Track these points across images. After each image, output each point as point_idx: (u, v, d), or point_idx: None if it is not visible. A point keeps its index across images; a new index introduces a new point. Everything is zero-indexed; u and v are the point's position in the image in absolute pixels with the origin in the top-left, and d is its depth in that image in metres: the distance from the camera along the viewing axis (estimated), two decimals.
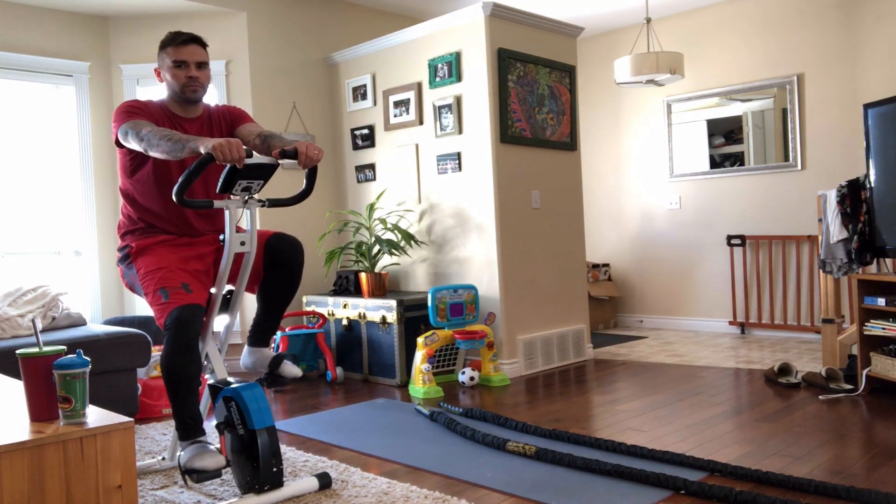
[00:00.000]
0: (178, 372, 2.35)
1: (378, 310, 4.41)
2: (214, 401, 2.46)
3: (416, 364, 4.11)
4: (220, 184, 2.39)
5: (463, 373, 4.25)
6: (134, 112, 2.54)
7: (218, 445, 2.43)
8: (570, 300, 4.94)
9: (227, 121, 2.77)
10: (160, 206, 2.60)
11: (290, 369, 2.67)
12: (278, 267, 2.63)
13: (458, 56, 4.57)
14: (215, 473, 2.30)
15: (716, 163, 6.00)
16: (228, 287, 2.61)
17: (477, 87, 4.48)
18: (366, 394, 4.17)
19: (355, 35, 5.55)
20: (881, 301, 3.54)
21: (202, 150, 2.25)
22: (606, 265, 6.60)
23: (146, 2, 4.72)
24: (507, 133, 4.47)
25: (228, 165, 2.32)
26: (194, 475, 2.28)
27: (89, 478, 1.60)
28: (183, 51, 2.60)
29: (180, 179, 2.30)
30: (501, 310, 4.43)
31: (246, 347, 2.75)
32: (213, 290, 2.57)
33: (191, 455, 2.30)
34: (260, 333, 2.73)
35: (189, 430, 2.37)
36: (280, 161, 2.43)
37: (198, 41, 2.64)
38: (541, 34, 4.76)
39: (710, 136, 6.03)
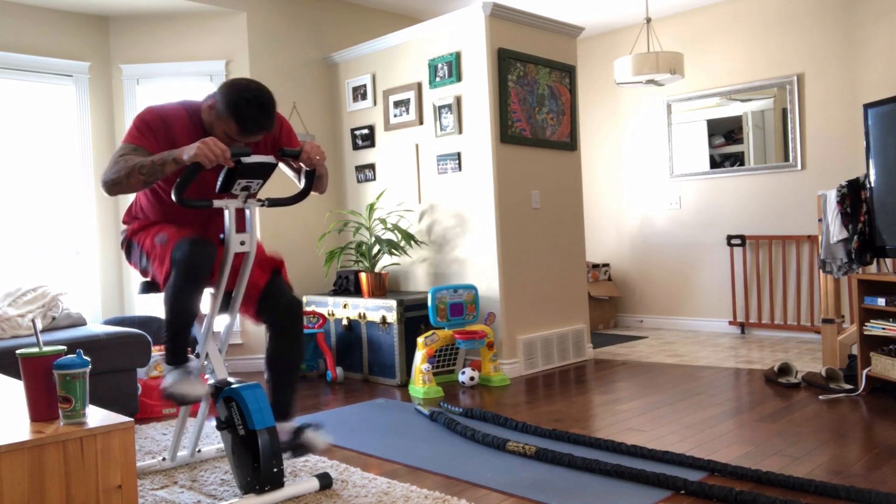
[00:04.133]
0: (181, 311, 2.37)
1: (378, 310, 4.41)
2: (215, 401, 2.46)
3: (416, 364, 4.11)
4: (219, 183, 2.39)
5: (463, 373, 4.25)
6: (143, 134, 2.40)
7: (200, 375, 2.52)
8: (570, 300, 4.94)
9: (274, 136, 2.63)
10: (173, 207, 2.57)
11: (316, 440, 2.50)
12: (277, 332, 2.59)
13: (458, 56, 4.57)
14: (195, 399, 2.42)
15: (716, 163, 6.00)
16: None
17: (477, 87, 4.48)
18: (366, 394, 4.17)
19: (355, 35, 5.55)
20: (881, 301, 3.54)
21: (185, 159, 2.24)
22: (606, 265, 6.60)
23: (146, 2, 4.72)
24: (507, 133, 4.47)
25: (226, 167, 2.32)
26: (177, 398, 2.40)
27: (89, 478, 1.60)
28: (246, 137, 2.40)
29: (177, 182, 2.31)
30: (501, 310, 4.43)
31: None
32: (212, 291, 2.57)
33: (174, 380, 2.39)
34: (277, 407, 2.51)
35: (178, 357, 2.45)
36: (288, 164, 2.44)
37: (268, 128, 2.41)
38: (541, 34, 4.76)
39: (710, 136, 6.03)
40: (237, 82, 2.40)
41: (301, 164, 2.55)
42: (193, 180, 2.31)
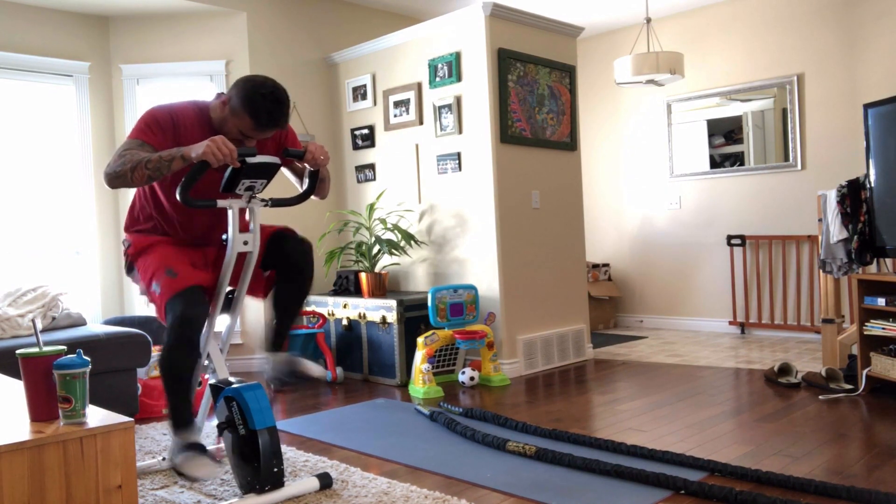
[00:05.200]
0: (178, 368, 2.35)
1: (378, 310, 4.41)
2: (216, 401, 2.46)
3: (416, 364, 4.11)
4: (223, 183, 2.39)
5: (463, 373, 4.25)
6: (151, 130, 2.40)
7: (213, 447, 2.45)
8: (570, 300, 4.94)
9: (280, 138, 2.64)
10: (174, 209, 2.58)
11: (311, 367, 2.57)
12: (287, 277, 2.58)
13: (458, 56, 4.57)
14: (204, 480, 2.39)
15: (716, 163, 6.00)
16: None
17: (477, 87, 4.48)
18: (366, 394, 4.17)
19: (355, 35, 5.55)
20: (881, 301, 3.54)
21: (193, 157, 2.24)
22: (606, 265, 6.60)
23: (146, 2, 4.72)
24: (507, 133, 4.47)
25: (230, 167, 2.32)
26: (184, 478, 2.36)
27: (89, 478, 1.60)
28: (260, 133, 2.40)
29: (182, 180, 2.31)
30: (501, 310, 4.43)
31: (266, 356, 2.64)
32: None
33: (184, 460, 2.33)
34: (275, 337, 2.63)
35: (183, 418, 2.40)
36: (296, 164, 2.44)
37: (283, 125, 2.42)
38: (541, 34, 4.76)
39: (710, 136, 6.03)
40: (253, 78, 2.40)
41: (305, 165, 2.56)
42: (199, 179, 2.31)
